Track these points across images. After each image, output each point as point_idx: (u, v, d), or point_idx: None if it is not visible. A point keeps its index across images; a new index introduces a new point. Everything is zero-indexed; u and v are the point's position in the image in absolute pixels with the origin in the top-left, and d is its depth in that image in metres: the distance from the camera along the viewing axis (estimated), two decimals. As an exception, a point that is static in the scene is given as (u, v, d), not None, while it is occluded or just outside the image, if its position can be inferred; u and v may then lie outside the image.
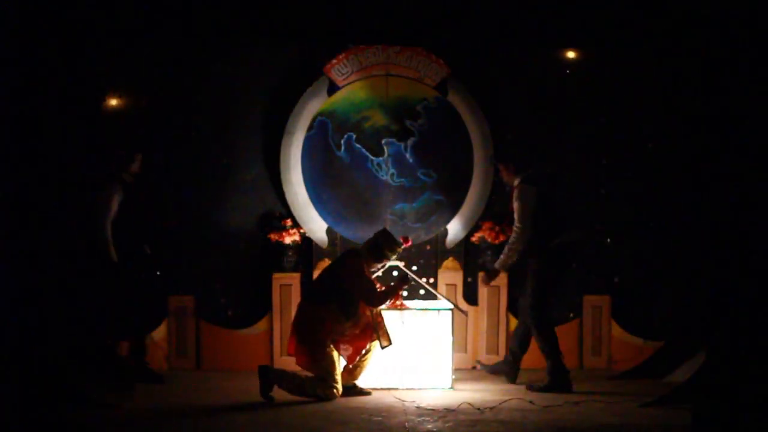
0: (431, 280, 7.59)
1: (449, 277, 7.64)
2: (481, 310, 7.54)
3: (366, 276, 6.29)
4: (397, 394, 6.30)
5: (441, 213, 7.74)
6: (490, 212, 7.70)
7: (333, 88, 7.70)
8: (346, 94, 7.70)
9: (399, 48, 7.71)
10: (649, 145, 7.67)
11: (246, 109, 7.74)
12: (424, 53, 7.72)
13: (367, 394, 6.32)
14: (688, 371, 6.31)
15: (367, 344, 6.29)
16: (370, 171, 7.70)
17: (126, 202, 6.70)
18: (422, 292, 7.34)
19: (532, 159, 7.69)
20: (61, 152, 6.56)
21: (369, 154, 7.69)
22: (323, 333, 6.10)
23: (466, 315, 7.24)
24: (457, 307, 6.74)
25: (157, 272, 7.46)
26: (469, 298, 7.56)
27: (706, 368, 5.30)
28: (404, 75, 7.71)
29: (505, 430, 5.20)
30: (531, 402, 5.96)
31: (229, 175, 7.71)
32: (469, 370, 7.33)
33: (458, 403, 5.85)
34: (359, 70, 7.69)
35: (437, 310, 6.62)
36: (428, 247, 7.74)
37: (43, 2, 6.18)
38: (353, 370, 6.35)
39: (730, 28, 5.15)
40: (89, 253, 6.61)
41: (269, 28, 7.60)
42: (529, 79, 7.78)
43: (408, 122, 7.70)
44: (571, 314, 7.66)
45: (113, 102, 7.53)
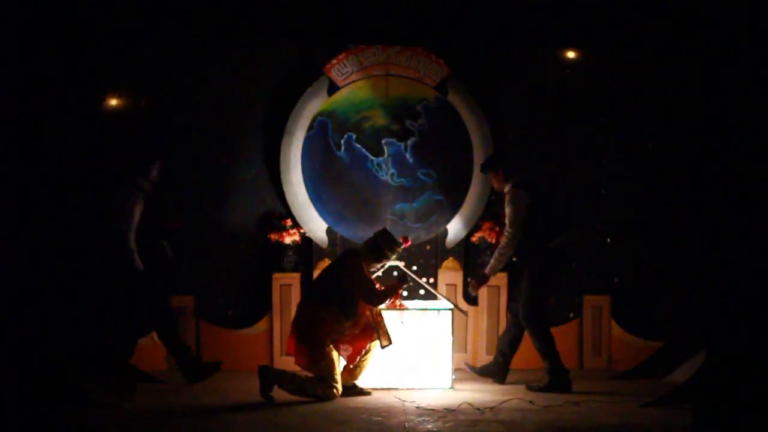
0: (431, 280, 7.59)
1: (449, 277, 7.64)
2: (481, 310, 7.54)
3: (366, 275, 6.29)
4: (397, 394, 6.30)
5: (441, 213, 7.74)
6: (490, 212, 7.70)
7: (333, 88, 7.70)
8: (346, 94, 7.70)
9: (399, 48, 7.71)
10: (649, 145, 7.68)
11: (246, 109, 7.75)
12: (424, 53, 7.72)
13: (367, 394, 6.32)
14: (688, 371, 6.32)
15: (367, 344, 6.29)
16: (370, 171, 7.70)
17: (146, 210, 6.61)
18: (422, 292, 7.34)
19: (532, 159, 7.76)
20: (61, 152, 6.56)
21: (369, 154, 7.69)
22: (323, 333, 6.10)
23: (466, 315, 7.24)
24: (457, 307, 6.74)
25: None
26: (469, 298, 7.55)
27: (706, 368, 5.29)
28: (404, 75, 7.72)
29: (505, 430, 5.20)
30: (531, 402, 5.96)
31: (229, 175, 7.71)
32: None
33: (458, 403, 5.85)
34: (359, 70, 7.69)
35: (437, 310, 6.62)
36: (428, 247, 7.74)
37: (43, 2, 6.17)
38: (353, 370, 6.34)
39: (730, 28, 5.15)
40: (114, 263, 6.55)
41: (269, 28, 7.60)
42: (529, 79, 7.79)
43: (408, 122, 7.70)
44: (571, 314, 7.67)
45: (113, 102, 7.54)
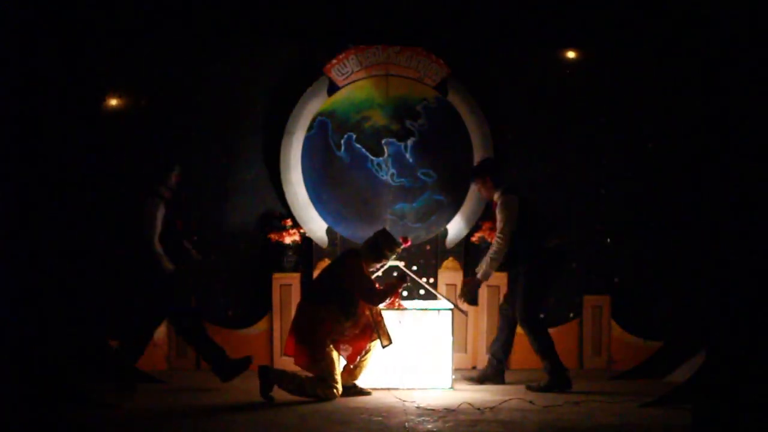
0: (431, 280, 7.59)
1: (449, 277, 7.63)
2: (481, 310, 7.54)
3: (366, 275, 6.29)
4: (397, 394, 6.30)
5: (441, 213, 7.74)
6: (490, 212, 7.65)
7: (333, 88, 7.70)
8: (346, 94, 7.70)
9: (399, 48, 7.71)
10: (649, 145, 7.67)
11: (246, 109, 7.75)
12: (424, 53, 7.72)
13: (367, 394, 6.32)
14: (688, 371, 6.32)
15: (367, 344, 6.29)
16: (370, 171, 7.70)
17: (167, 215, 6.57)
18: (422, 292, 7.34)
19: (532, 159, 7.76)
20: (61, 152, 6.56)
21: (369, 154, 7.69)
22: (323, 333, 6.10)
23: (466, 315, 7.23)
24: (457, 307, 6.73)
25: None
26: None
27: (706, 368, 5.29)
28: (404, 75, 7.71)
29: (505, 430, 5.20)
30: (531, 402, 5.96)
31: (229, 175, 7.71)
32: (469, 370, 7.32)
33: (458, 403, 5.85)
34: (359, 70, 7.69)
35: (437, 310, 6.62)
36: (428, 247, 7.74)
37: (43, 2, 6.17)
38: (353, 370, 6.34)
39: (730, 28, 5.14)
40: (141, 268, 6.54)
41: (269, 28, 7.60)
42: (529, 79, 7.79)
43: (408, 122, 7.70)
44: (571, 314, 7.67)
45: (113, 102, 7.53)
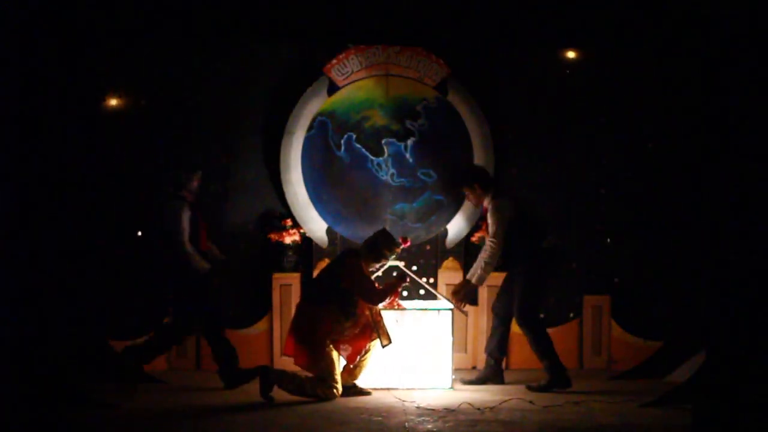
0: (431, 280, 7.59)
1: (449, 277, 7.62)
2: (481, 310, 7.53)
3: (365, 275, 6.29)
4: (397, 394, 6.30)
5: (441, 213, 7.74)
6: (489, 212, 7.70)
7: (333, 88, 7.70)
8: (346, 94, 7.70)
9: (399, 48, 7.71)
10: (649, 145, 7.67)
11: (246, 109, 7.74)
12: (424, 53, 7.72)
13: (367, 394, 6.32)
14: (688, 371, 6.32)
15: (367, 344, 6.29)
16: (370, 171, 7.70)
17: (192, 218, 6.56)
18: (422, 292, 7.34)
19: (532, 159, 7.76)
20: (61, 152, 6.56)
21: (369, 154, 7.69)
22: (323, 333, 6.10)
23: (466, 315, 7.23)
24: (457, 306, 6.73)
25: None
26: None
27: (706, 368, 5.29)
28: (404, 75, 7.71)
29: (505, 430, 5.20)
30: (531, 402, 5.96)
31: (229, 175, 7.71)
32: (469, 370, 7.32)
33: (458, 403, 5.85)
34: (359, 70, 7.69)
35: (437, 310, 6.62)
36: (428, 247, 7.74)
37: (43, 2, 6.17)
38: (353, 370, 6.35)
39: (730, 28, 5.14)
40: (178, 272, 6.55)
41: (269, 28, 7.60)
42: (529, 79, 7.78)
43: (408, 122, 7.70)
44: (571, 314, 7.67)
45: (113, 102, 7.53)
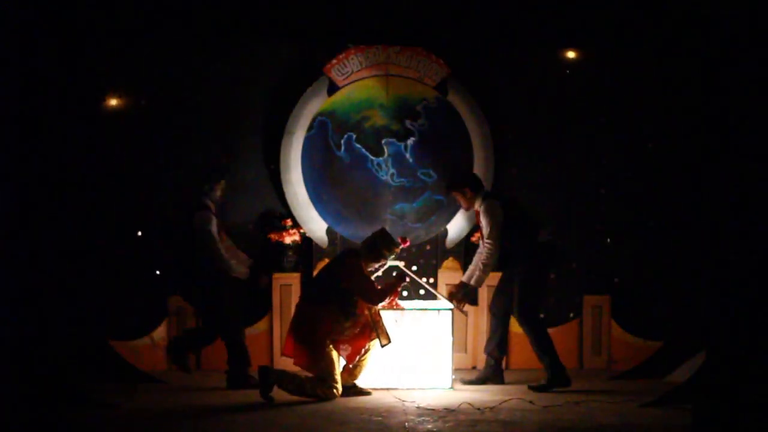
0: (431, 280, 7.59)
1: (449, 277, 7.62)
2: (481, 310, 7.53)
3: (365, 275, 6.29)
4: (397, 394, 6.30)
5: (441, 213, 7.74)
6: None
7: (333, 88, 7.70)
8: (346, 94, 7.70)
9: (399, 48, 7.71)
10: (649, 145, 7.67)
11: (246, 109, 7.75)
12: (424, 53, 7.72)
13: (367, 394, 6.32)
14: (688, 371, 6.32)
15: (367, 344, 6.29)
16: (370, 171, 7.70)
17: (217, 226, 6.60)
18: (422, 292, 7.34)
19: (532, 159, 7.76)
20: (61, 152, 6.56)
21: (369, 154, 7.69)
22: (322, 333, 6.10)
23: (466, 315, 7.23)
24: (457, 306, 6.73)
25: (157, 272, 7.49)
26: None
27: (706, 368, 5.29)
28: (404, 75, 7.71)
29: (505, 430, 5.20)
30: (531, 402, 5.96)
31: (229, 175, 7.69)
32: (469, 370, 7.32)
33: (458, 403, 5.85)
34: (359, 70, 7.69)
35: (437, 310, 6.62)
36: (428, 247, 7.74)
37: (43, 2, 6.17)
38: (353, 370, 6.34)
39: (730, 28, 5.14)
40: (222, 281, 6.58)
41: (269, 28, 7.60)
42: (529, 79, 7.79)
43: (408, 122, 7.70)
44: (571, 314, 7.67)
45: (113, 102, 7.53)
